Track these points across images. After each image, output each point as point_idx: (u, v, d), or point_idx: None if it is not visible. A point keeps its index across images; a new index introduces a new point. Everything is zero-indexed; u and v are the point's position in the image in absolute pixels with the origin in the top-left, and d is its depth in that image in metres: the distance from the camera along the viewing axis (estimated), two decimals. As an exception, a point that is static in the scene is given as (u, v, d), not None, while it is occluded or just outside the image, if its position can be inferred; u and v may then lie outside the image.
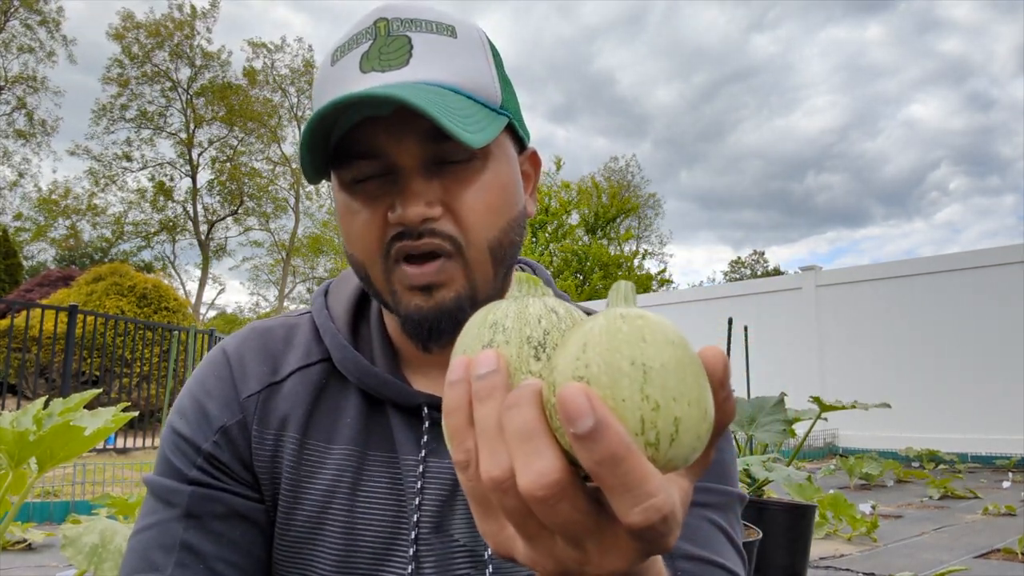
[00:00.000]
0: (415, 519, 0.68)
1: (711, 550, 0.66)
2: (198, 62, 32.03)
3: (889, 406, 3.16)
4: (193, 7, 31.79)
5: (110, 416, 1.30)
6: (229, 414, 0.72)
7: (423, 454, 0.70)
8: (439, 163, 0.66)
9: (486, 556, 0.68)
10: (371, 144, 0.65)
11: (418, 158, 0.65)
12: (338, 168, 0.67)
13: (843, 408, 3.08)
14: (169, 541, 0.67)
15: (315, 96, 0.70)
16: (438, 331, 0.67)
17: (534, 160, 0.80)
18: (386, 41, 0.66)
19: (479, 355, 0.38)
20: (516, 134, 0.74)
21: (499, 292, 0.71)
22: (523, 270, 0.56)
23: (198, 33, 31.97)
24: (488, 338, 0.40)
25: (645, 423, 0.33)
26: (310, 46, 38.84)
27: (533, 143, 0.79)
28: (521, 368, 0.38)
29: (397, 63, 0.65)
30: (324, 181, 0.71)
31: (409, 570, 0.67)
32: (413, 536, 0.68)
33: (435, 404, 0.71)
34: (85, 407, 1.39)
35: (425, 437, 0.71)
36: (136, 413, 1.52)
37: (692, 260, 68.71)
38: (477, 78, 0.67)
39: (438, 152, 0.65)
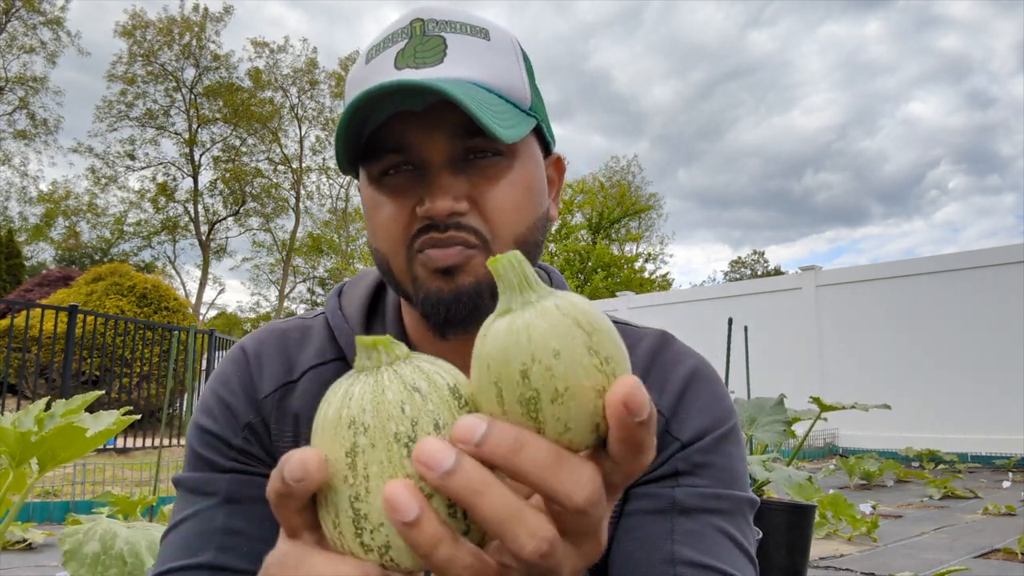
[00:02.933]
0: None
1: (715, 557, 0.66)
2: (204, 63, 32.01)
3: (889, 407, 3.14)
4: (206, 9, 31.81)
5: (112, 420, 1.30)
6: (253, 412, 0.73)
7: None
8: (467, 159, 0.67)
9: None
10: (401, 138, 0.66)
11: (447, 153, 0.66)
12: (367, 162, 0.68)
13: (843, 408, 3.07)
14: (209, 527, 0.68)
15: (348, 93, 0.71)
16: (455, 315, 0.67)
17: (558, 166, 0.80)
18: (422, 40, 0.67)
19: (395, 493, 0.33)
20: (543, 139, 0.75)
21: None
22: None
23: (206, 36, 31.98)
24: (349, 442, 0.36)
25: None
26: (315, 48, 38.88)
27: None
28: (395, 474, 0.35)
29: (432, 61, 0.66)
30: (349, 177, 0.71)
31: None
32: None
33: None
34: (86, 409, 1.39)
35: None
36: (138, 416, 1.51)
37: (691, 260, 68.81)
38: (508, 78, 0.69)
39: (467, 148, 0.66)
